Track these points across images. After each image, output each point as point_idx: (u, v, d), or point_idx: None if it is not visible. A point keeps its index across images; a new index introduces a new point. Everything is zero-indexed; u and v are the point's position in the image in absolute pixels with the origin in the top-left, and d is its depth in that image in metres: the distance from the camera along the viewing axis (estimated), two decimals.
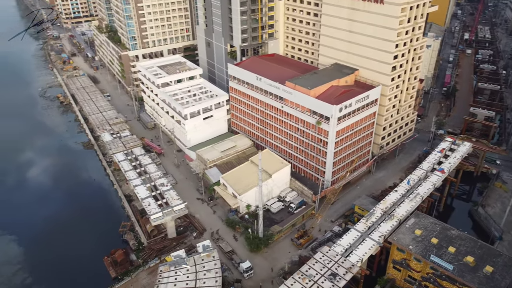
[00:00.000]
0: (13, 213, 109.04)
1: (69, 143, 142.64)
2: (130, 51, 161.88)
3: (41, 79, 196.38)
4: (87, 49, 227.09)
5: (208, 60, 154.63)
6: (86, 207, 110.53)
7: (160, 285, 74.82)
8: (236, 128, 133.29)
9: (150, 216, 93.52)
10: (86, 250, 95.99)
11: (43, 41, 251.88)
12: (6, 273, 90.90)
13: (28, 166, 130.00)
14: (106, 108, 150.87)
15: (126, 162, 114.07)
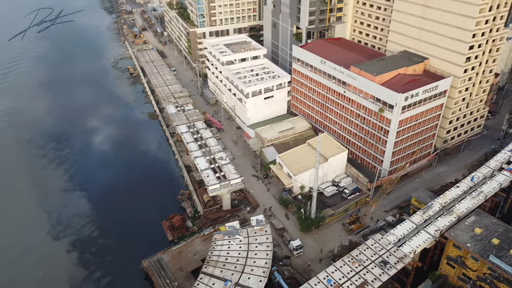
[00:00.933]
0: (84, 173, 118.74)
1: (136, 113, 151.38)
2: (198, 28, 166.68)
3: (114, 50, 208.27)
4: (157, 25, 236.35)
5: (273, 41, 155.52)
6: (149, 173, 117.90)
7: (214, 251, 79.07)
8: (295, 110, 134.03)
9: (208, 186, 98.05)
10: (147, 212, 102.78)
11: (117, 15, 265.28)
12: (76, 224, 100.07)
13: (99, 131, 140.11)
14: (172, 82, 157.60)
15: (188, 134, 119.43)
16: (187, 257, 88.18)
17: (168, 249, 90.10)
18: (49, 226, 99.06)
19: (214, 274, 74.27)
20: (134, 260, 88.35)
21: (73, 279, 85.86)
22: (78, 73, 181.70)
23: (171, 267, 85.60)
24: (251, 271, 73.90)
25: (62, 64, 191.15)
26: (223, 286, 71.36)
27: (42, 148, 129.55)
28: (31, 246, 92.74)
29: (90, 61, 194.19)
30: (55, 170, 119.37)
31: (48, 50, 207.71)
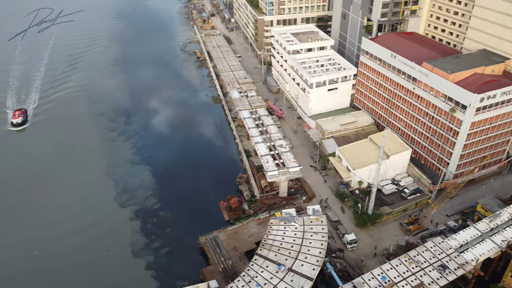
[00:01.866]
0: (150, 148, 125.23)
1: (201, 95, 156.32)
2: (266, 16, 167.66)
3: (183, 34, 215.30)
4: (225, 11, 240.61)
5: (341, 32, 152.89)
6: (210, 155, 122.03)
7: (269, 235, 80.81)
8: (358, 104, 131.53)
9: (267, 172, 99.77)
10: (206, 191, 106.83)
11: (188, 0, 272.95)
12: (140, 196, 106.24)
13: (165, 110, 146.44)
14: (236, 68, 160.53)
15: (250, 120, 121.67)
16: (242, 238, 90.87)
17: (224, 228, 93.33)
18: (115, 194, 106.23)
19: (268, 257, 76.06)
20: (191, 235, 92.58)
21: (134, 246, 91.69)
22: (149, 53, 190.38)
23: (226, 246, 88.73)
24: (305, 259, 74.78)
25: (135, 44, 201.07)
26: (277, 269, 72.97)
27: (112, 122, 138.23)
28: (98, 211, 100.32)
29: (160, 43, 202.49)
30: (123, 143, 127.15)
31: (124, 30, 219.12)
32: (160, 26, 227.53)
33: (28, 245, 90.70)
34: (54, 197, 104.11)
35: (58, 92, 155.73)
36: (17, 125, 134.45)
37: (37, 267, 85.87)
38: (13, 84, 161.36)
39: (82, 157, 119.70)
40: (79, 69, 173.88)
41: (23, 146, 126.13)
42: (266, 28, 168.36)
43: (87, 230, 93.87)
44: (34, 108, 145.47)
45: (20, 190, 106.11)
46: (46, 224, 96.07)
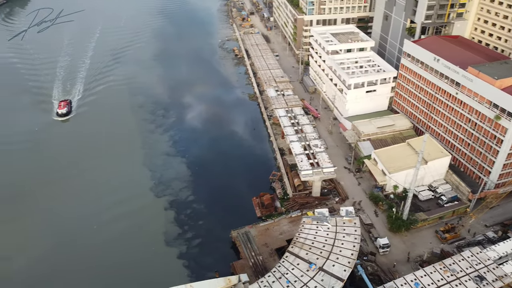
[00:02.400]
0: (186, 141, 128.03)
1: (237, 92, 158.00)
2: (305, 16, 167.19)
3: (222, 32, 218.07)
4: (264, 10, 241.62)
5: (382, 33, 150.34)
6: (244, 151, 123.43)
7: (301, 233, 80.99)
8: (397, 107, 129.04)
9: (301, 171, 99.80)
10: (239, 187, 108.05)
11: None
12: (175, 187, 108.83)
13: (202, 105, 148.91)
14: (274, 67, 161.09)
15: (286, 119, 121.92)
16: (273, 235, 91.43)
17: (256, 224, 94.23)
18: (151, 184, 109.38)
19: (299, 255, 76.29)
20: (223, 229, 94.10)
21: (168, 235, 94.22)
22: (188, 49, 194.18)
23: (257, 242, 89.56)
24: (336, 259, 74.48)
25: (176, 40, 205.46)
26: (308, 267, 73.10)
27: (151, 114, 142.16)
28: (135, 199, 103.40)
29: (200, 40, 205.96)
30: (161, 135, 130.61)
31: (165, 27, 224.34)
32: (200, 23, 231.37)
33: (66, 231, 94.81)
34: (93, 185, 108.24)
35: (101, 85, 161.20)
36: (62, 115, 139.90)
37: (75, 250, 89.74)
38: (60, 75, 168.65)
39: (121, 147, 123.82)
40: (121, 62, 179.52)
41: (66, 135, 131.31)
42: (305, 27, 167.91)
43: (124, 217, 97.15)
44: (78, 100, 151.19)
45: (61, 178, 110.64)
46: (85, 209, 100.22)
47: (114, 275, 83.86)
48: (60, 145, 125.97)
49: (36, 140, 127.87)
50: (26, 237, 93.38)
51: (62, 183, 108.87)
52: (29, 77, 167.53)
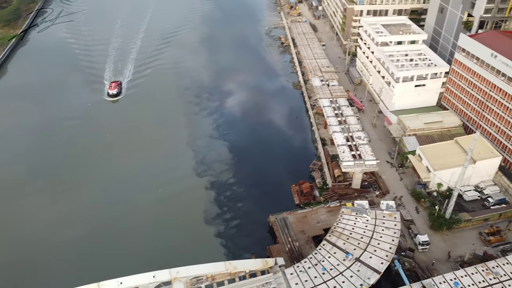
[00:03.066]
0: (229, 125, 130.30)
1: (282, 80, 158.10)
2: (356, 5, 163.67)
3: (269, 19, 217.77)
4: None
5: (435, 26, 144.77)
6: (285, 138, 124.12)
7: (339, 223, 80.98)
8: (446, 103, 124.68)
9: (342, 162, 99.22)
10: (279, 173, 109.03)
11: None
12: (216, 169, 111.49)
13: (245, 91, 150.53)
14: (320, 56, 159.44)
15: (330, 109, 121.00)
16: (310, 223, 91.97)
17: (294, 211, 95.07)
18: (194, 163, 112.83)
19: (336, 244, 76.49)
20: (261, 213, 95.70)
21: (207, 213, 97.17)
22: (235, 35, 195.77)
23: (294, 228, 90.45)
24: (374, 251, 74.08)
25: (223, 26, 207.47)
26: (344, 257, 73.24)
27: (196, 97, 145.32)
28: (178, 177, 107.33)
29: (247, 26, 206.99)
30: (205, 118, 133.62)
31: (213, 12, 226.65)
32: (248, 10, 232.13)
33: (111, 207, 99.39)
34: (139, 162, 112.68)
35: (150, 68, 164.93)
36: (112, 95, 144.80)
37: (120, 226, 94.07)
38: (112, 56, 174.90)
39: (166, 127, 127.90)
40: (169, 46, 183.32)
41: (115, 115, 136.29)
42: (355, 17, 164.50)
43: (167, 194, 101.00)
44: (128, 82, 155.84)
45: (109, 156, 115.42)
46: (132, 185, 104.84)
47: (153, 248, 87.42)
48: (109, 124, 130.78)
49: (87, 118, 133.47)
50: (73, 210, 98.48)
51: (111, 160, 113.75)
52: (83, 57, 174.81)
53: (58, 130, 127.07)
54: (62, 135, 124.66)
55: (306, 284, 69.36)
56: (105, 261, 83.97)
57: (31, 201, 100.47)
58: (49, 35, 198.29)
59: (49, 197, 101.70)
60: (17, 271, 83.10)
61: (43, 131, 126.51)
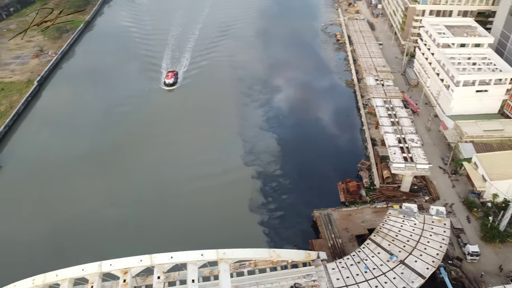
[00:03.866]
0: (278, 118, 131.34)
1: (334, 77, 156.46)
2: (418, 5, 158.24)
3: (326, 15, 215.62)
4: None
5: (504, 30, 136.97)
6: (334, 135, 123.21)
7: (386, 224, 79.80)
8: (510, 111, 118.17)
9: (392, 163, 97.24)
10: (326, 170, 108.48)
11: None
12: (263, 159, 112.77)
13: (297, 86, 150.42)
14: (376, 55, 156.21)
15: (383, 109, 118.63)
16: (355, 222, 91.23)
17: (338, 208, 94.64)
18: (243, 152, 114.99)
19: (381, 244, 75.52)
20: (305, 207, 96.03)
21: (252, 201, 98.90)
22: (291, 30, 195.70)
23: (338, 225, 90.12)
24: (420, 256, 72.40)
25: (279, 19, 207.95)
26: (388, 258, 72.24)
27: (249, 88, 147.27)
28: (226, 164, 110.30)
29: (303, 21, 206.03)
30: (255, 109, 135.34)
31: (271, 5, 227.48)
32: (305, 5, 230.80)
33: (161, 189, 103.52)
34: (190, 148, 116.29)
35: (205, 60, 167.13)
36: (168, 85, 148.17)
37: (167, 207, 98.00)
38: (170, 45, 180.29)
39: (219, 116, 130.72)
40: (226, 39, 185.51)
41: (171, 104, 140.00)
42: (416, 17, 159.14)
43: (215, 180, 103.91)
44: (184, 72, 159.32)
45: (163, 141, 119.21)
46: (182, 169, 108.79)
47: (200, 229, 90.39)
48: (164, 112, 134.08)
49: (144, 104, 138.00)
50: (127, 189, 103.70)
51: (163, 146, 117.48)
52: (143, 46, 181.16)
53: (115, 114, 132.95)
54: (119, 119, 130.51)
55: (347, 281, 69.25)
56: (156, 236, 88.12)
57: (88, 178, 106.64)
58: (113, 22, 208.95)
59: (105, 175, 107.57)
60: (72, 242, 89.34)
61: (102, 114, 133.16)
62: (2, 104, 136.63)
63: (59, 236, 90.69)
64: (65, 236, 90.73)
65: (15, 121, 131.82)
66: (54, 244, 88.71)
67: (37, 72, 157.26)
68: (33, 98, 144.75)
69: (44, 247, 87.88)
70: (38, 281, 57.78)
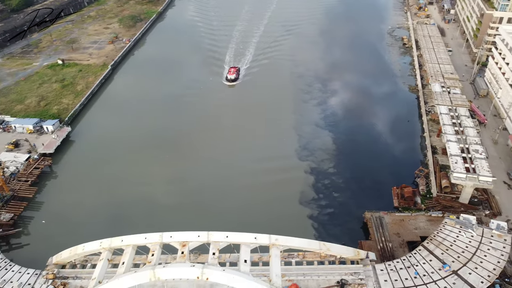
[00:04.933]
0: (336, 117, 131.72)
1: (398, 82, 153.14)
2: (496, 11, 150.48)
3: (394, 18, 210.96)
4: (445, 0, 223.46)
5: None
6: (393, 139, 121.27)
7: (440, 233, 77.71)
8: None
9: (452, 173, 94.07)
10: (381, 173, 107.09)
11: None
12: (318, 156, 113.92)
13: (358, 86, 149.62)
14: (444, 62, 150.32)
15: (447, 117, 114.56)
16: (407, 228, 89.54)
17: (391, 212, 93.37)
18: (298, 146, 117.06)
19: (434, 252, 73.85)
20: (356, 207, 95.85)
21: (303, 195, 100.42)
22: (356, 31, 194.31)
23: (390, 229, 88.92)
24: (475, 268, 69.92)
25: (345, 20, 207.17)
26: (441, 267, 70.54)
27: (308, 86, 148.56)
28: (281, 156, 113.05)
29: (370, 23, 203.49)
30: (313, 107, 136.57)
31: (337, 5, 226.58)
32: (373, 7, 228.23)
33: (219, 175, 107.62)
34: (248, 139, 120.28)
35: (267, 58, 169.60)
36: (230, 80, 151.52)
37: (227, 186, 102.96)
38: (234, 41, 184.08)
39: (277, 110, 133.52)
40: (290, 36, 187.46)
41: (232, 99, 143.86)
42: (492, 24, 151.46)
43: (270, 168, 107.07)
44: (245, 69, 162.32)
45: (223, 132, 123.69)
46: (240, 158, 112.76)
47: (252, 214, 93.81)
48: (225, 106, 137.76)
49: (205, 97, 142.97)
50: (185, 172, 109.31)
51: (222, 136, 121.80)
52: (208, 40, 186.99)
53: (179, 103, 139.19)
54: (183, 107, 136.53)
55: (395, 283, 68.55)
56: (212, 217, 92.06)
57: (152, 158, 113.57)
58: (182, 15, 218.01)
59: (168, 158, 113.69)
60: (135, 214, 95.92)
61: (166, 101, 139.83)
62: (79, 84, 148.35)
63: (124, 207, 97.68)
64: (129, 208, 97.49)
65: (89, 101, 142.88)
66: (119, 213, 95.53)
67: (112, 57, 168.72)
68: (106, 81, 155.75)
69: (110, 216, 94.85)
70: (105, 244, 63.27)
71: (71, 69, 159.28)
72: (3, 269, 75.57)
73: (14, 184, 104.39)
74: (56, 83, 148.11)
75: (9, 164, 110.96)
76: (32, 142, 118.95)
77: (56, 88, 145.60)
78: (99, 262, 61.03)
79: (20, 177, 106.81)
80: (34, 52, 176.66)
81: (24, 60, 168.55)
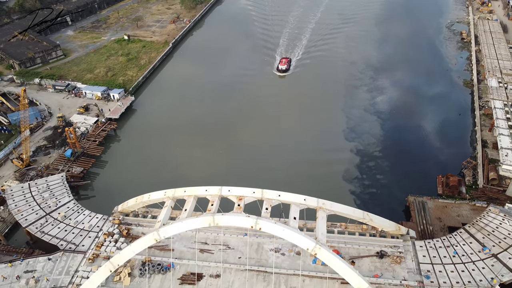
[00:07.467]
0: (385, 104, 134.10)
1: (452, 75, 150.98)
2: None
3: (454, 13, 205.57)
4: None
5: None
6: (443, 130, 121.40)
7: (483, 219, 79.64)
8: None
9: (502, 164, 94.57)
10: (427, 160, 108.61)
11: None
12: (364, 139, 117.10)
13: (411, 77, 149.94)
14: (504, 58, 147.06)
15: (502, 111, 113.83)
16: (450, 214, 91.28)
17: (434, 198, 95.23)
18: (345, 127, 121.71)
19: (475, 236, 76.02)
20: (399, 190, 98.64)
21: (348, 173, 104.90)
22: (413, 23, 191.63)
23: (432, 213, 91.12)
24: None
25: (402, 13, 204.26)
26: (481, 249, 72.81)
27: (361, 73, 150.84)
28: (328, 134, 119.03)
29: (428, 17, 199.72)
30: (364, 93, 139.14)
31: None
32: (433, 1, 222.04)
33: None
34: (304, 121, 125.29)
35: (319, 51, 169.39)
36: (281, 71, 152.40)
37: (283, 160, 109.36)
38: (287, 32, 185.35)
39: (328, 95, 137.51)
40: (343, 30, 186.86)
41: (283, 89, 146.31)
42: None
43: (318, 150, 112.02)
44: (296, 60, 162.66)
45: (274, 119, 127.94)
46: (293, 136, 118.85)
47: (300, 180, 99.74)
48: (275, 95, 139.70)
49: (256, 85, 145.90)
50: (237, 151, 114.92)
51: (275, 118, 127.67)
52: (261, 30, 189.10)
53: (230, 88, 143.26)
54: (234, 93, 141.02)
55: (433, 260, 71.89)
56: (266, 179, 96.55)
57: (204, 133, 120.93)
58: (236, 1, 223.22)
59: (222, 135, 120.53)
60: (195, 172, 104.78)
61: (218, 85, 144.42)
62: (143, 59, 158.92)
63: (180, 170, 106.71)
64: (185, 170, 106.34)
65: (151, 74, 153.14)
66: (175, 175, 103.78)
67: (173, 35, 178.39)
68: (167, 57, 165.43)
69: (167, 176, 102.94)
70: (169, 193, 70.81)
71: (136, 44, 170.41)
72: (75, 212, 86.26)
73: (84, 143, 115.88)
74: (122, 56, 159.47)
75: (80, 125, 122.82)
76: (100, 107, 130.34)
77: (122, 61, 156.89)
78: (164, 209, 68.51)
79: (89, 137, 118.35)
80: (102, 27, 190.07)
81: (94, 34, 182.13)
